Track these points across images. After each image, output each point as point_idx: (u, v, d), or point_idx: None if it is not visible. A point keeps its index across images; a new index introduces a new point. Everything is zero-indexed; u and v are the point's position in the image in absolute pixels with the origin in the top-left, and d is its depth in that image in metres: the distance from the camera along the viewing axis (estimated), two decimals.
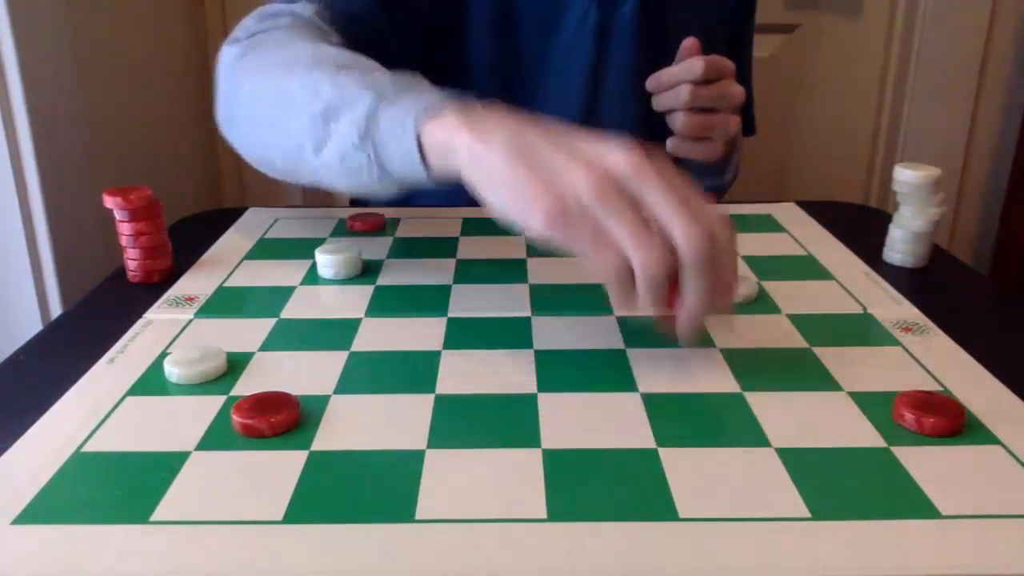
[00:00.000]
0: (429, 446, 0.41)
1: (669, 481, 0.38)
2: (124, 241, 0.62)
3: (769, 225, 0.74)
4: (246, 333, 0.53)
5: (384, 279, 0.62)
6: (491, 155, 0.45)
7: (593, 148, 0.44)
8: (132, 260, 0.62)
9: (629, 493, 0.37)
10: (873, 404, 0.44)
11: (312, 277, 0.62)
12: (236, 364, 0.49)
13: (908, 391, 0.44)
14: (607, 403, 0.45)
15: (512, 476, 0.38)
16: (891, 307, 0.57)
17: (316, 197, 1.45)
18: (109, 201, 0.60)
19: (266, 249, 0.69)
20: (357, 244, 0.65)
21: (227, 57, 0.65)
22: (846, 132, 1.56)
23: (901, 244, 0.65)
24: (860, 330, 0.54)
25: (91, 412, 0.44)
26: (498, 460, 0.40)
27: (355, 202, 0.97)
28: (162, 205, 0.63)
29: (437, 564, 0.33)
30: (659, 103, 0.74)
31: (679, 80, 0.72)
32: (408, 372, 0.48)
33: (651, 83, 0.74)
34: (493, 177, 0.45)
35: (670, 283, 0.43)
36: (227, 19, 1.30)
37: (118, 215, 0.61)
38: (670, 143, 0.75)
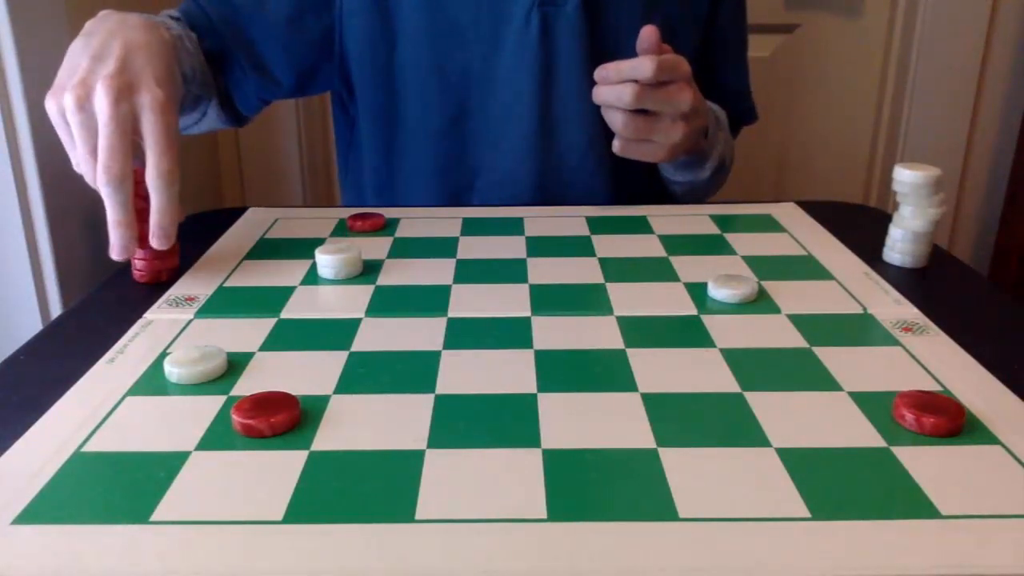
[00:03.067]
0: (429, 446, 0.41)
1: (669, 481, 0.38)
2: None
3: (769, 225, 0.74)
4: (246, 333, 0.53)
5: (384, 279, 0.62)
6: None
7: None
8: (140, 260, 0.62)
9: (629, 493, 0.37)
10: (873, 404, 0.44)
11: (312, 277, 0.62)
12: (236, 364, 0.49)
13: (908, 391, 0.44)
14: (607, 403, 0.45)
15: (512, 476, 0.38)
16: (891, 307, 0.57)
17: (317, 197, 1.45)
18: None
19: (266, 249, 0.69)
20: (357, 244, 0.65)
21: None
22: (846, 132, 1.56)
23: (901, 244, 0.65)
24: (860, 330, 0.54)
25: (91, 412, 0.44)
26: (498, 460, 0.40)
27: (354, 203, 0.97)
28: None
29: (437, 564, 0.33)
30: (598, 96, 0.71)
31: (626, 78, 0.68)
32: (408, 372, 0.48)
33: (598, 74, 0.71)
34: None
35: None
36: None
37: None
38: (614, 143, 0.72)
